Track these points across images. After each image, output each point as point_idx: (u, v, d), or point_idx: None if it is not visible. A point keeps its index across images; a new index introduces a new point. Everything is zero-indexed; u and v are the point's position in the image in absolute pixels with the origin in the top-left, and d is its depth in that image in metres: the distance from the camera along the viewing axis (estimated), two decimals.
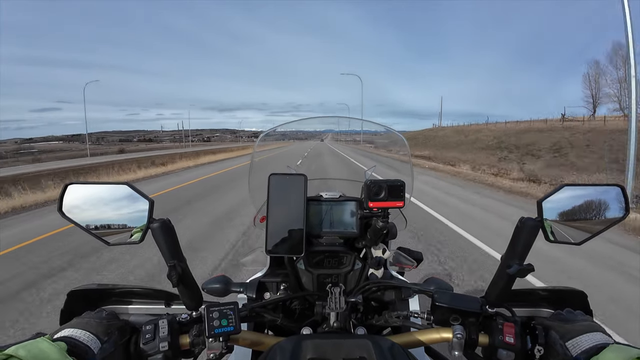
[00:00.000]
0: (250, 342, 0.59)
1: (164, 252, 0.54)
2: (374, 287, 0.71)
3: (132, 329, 0.57)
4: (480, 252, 4.04)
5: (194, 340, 0.55)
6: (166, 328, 0.53)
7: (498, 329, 0.56)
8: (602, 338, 0.49)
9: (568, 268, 3.55)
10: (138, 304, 0.68)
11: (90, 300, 0.64)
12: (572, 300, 0.66)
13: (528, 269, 0.53)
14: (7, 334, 2.41)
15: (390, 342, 0.50)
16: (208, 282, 0.77)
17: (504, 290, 0.56)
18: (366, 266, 0.76)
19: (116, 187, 0.55)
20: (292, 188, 0.68)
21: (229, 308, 0.54)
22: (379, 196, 0.64)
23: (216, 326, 0.51)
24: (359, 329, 0.65)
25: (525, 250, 0.54)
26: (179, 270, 0.53)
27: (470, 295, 0.61)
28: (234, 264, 3.57)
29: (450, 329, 0.58)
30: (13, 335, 2.42)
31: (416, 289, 0.70)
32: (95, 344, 0.49)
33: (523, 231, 0.54)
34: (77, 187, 0.55)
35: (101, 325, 0.53)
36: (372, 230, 0.71)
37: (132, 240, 0.54)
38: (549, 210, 0.55)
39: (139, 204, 0.55)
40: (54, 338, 0.46)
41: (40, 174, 14.63)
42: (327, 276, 0.75)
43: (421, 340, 0.59)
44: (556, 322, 0.55)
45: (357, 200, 0.77)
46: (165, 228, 0.54)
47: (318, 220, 0.77)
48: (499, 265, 0.57)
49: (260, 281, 0.78)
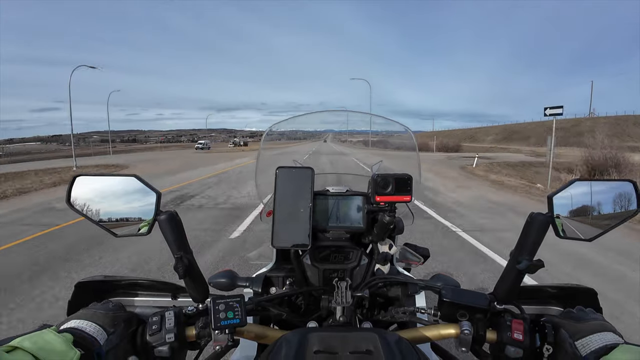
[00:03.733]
0: (256, 335, 0.59)
1: (170, 244, 0.54)
2: (380, 283, 0.71)
3: (139, 320, 0.57)
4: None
5: (200, 332, 0.55)
6: (172, 320, 0.53)
7: (506, 325, 0.55)
8: (612, 338, 0.48)
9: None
10: (145, 296, 0.68)
11: (97, 292, 0.65)
12: (582, 297, 0.65)
13: (538, 264, 0.52)
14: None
15: (397, 336, 0.49)
16: (214, 277, 0.77)
17: (513, 286, 0.56)
18: (372, 262, 0.75)
19: (124, 179, 0.55)
20: (299, 181, 0.68)
21: (236, 301, 0.54)
22: (386, 190, 0.64)
23: (222, 318, 0.52)
24: (365, 324, 0.65)
25: (535, 246, 0.53)
26: (186, 262, 0.53)
27: (478, 291, 0.60)
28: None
29: (457, 325, 0.57)
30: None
31: (423, 284, 0.69)
32: (101, 335, 0.49)
33: (533, 226, 0.53)
34: (86, 179, 0.55)
35: (107, 316, 0.53)
36: (378, 225, 0.70)
37: (139, 232, 0.55)
38: (559, 206, 0.55)
39: (147, 196, 0.55)
40: (60, 329, 0.47)
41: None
42: (333, 271, 0.75)
43: (428, 336, 0.59)
44: (567, 321, 0.54)
45: (364, 195, 0.77)
46: (172, 220, 0.54)
47: (324, 214, 0.76)
48: (508, 260, 0.56)
49: (267, 276, 0.78)
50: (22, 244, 4.43)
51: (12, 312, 2.65)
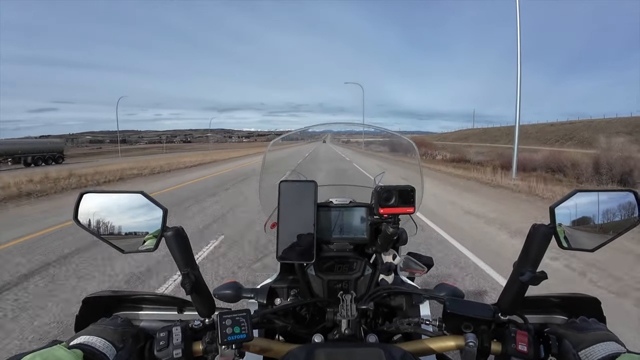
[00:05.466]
0: (262, 349, 0.59)
1: (177, 260, 0.54)
2: (384, 293, 0.71)
3: (146, 335, 0.58)
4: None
5: (207, 347, 0.55)
6: (180, 335, 0.54)
7: (511, 337, 0.55)
8: (615, 347, 0.48)
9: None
10: (151, 310, 0.68)
11: (105, 307, 0.65)
12: (585, 307, 0.65)
13: (541, 276, 0.52)
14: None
15: (402, 351, 0.50)
16: (219, 288, 0.77)
17: (517, 297, 0.56)
18: (376, 272, 0.75)
19: (131, 195, 0.56)
20: (302, 194, 0.69)
21: (242, 315, 0.54)
22: (389, 202, 0.64)
23: (229, 333, 0.52)
24: (370, 336, 0.65)
25: (539, 257, 0.53)
26: (193, 279, 0.54)
27: (482, 302, 0.61)
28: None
29: (462, 336, 0.57)
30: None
31: (427, 295, 0.70)
32: (110, 351, 0.50)
33: (536, 238, 0.53)
34: (93, 196, 0.56)
35: (116, 332, 0.53)
36: (382, 236, 0.71)
37: (146, 247, 0.55)
38: (561, 216, 0.55)
39: (153, 212, 0.55)
40: (70, 345, 0.47)
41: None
42: (337, 282, 0.75)
43: (433, 348, 0.59)
44: (570, 331, 0.55)
45: (367, 206, 0.77)
46: (179, 236, 0.54)
47: (328, 226, 0.77)
48: (512, 272, 0.56)
49: (271, 287, 0.78)
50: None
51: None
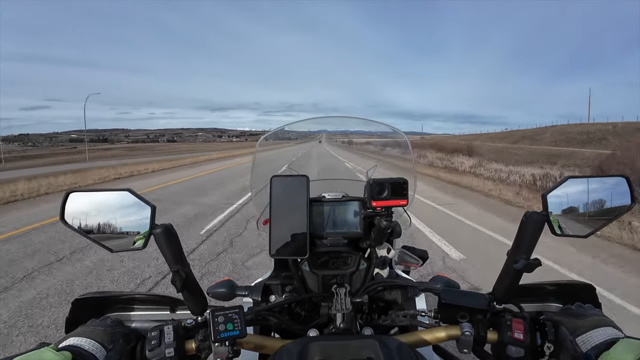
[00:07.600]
0: (256, 346, 0.58)
1: (167, 258, 0.53)
2: (379, 287, 0.71)
3: (138, 336, 0.56)
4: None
5: (200, 345, 0.54)
6: (172, 334, 0.53)
7: (506, 325, 0.55)
8: (612, 333, 0.48)
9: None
10: (143, 310, 0.67)
11: (95, 308, 0.64)
12: (580, 293, 0.65)
13: (535, 263, 0.52)
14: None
15: (397, 341, 0.49)
16: (213, 287, 0.76)
17: (512, 286, 0.56)
18: (371, 266, 0.75)
19: (118, 193, 0.55)
20: (294, 190, 0.68)
21: (235, 312, 0.53)
22: (382, 195, 0.64)
23: (222, 330, 0.51)
24: (366, 330, 0.65)
25: (532, 245, 0.53)
26: (183, 276, 0.53)
27: (477, 292, 0.60)
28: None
29: (458, 326, 0.57)
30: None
31: (422, 287, 0.69)
32: (100, 352, 0.48)
33: (529, 226, 0.53)
34: (79, 195, 0.55)
35: (106, 333, 0.52)
36: (376, 230, 0.70)
37: (135, 246, 0.54)
38: (554, 204, 0.55)
39: (141, 209, 0.54)
40: (59, 347, 0.46)
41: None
42: (332, 277, 0.74)
43: (429, 339, 0.59)
44: (566, 318, 0.54)
45: (360, 200, 0.77)
46: (168, 233, 0.54)
47: (321, 221, 0.76)
48: (506, 260, 0.56)
49: (265, 284, 0.77)
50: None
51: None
